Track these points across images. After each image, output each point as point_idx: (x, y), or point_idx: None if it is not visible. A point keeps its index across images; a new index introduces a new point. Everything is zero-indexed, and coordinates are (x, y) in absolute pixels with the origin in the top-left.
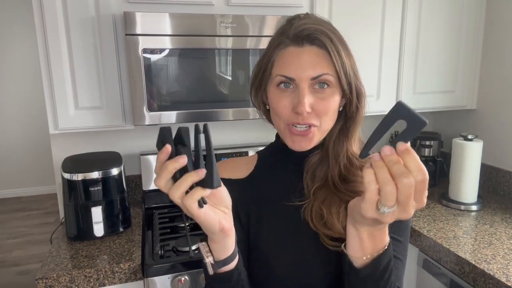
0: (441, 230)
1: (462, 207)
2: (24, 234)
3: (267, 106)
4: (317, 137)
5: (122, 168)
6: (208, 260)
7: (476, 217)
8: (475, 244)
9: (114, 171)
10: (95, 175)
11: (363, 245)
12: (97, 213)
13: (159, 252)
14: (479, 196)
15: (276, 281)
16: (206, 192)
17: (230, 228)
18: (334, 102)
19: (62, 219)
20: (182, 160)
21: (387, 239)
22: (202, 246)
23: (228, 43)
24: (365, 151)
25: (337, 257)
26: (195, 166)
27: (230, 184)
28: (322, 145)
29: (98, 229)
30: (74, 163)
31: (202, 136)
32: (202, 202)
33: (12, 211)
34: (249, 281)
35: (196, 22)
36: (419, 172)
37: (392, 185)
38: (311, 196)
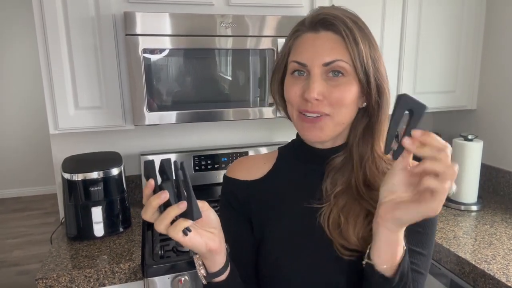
0: (441, 230)
1: (462, 207)
2: (24, 234)
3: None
4: (329, 128)
5: (122, 168)
6: (201, 272)
7: (476, 217)
8: (475, 244)
9: (114, 171)
10: (95, 175)
11: (396, 250)
12: (97, 213)
13: (159, 252)
14: (479, 196)
15: (283, 285)
16: (188, 223)
17: (218, 247)
18: (348, 92)
19: (62, 219)
20: (164, 196)
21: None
22: (196, 259)
23: (228, 43)
24: (388, 146)
25: (351, 268)
26: (178, 197)
27: (242, 186)
28: (346, 146)
29: (98, 229)
30: (74, 163)
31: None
32: (186, 231)
33: (12, 211)
34: (256, 282)
35: (196, 22)
36: (446, 145)
37: (448, 160)
38: (331, 200)
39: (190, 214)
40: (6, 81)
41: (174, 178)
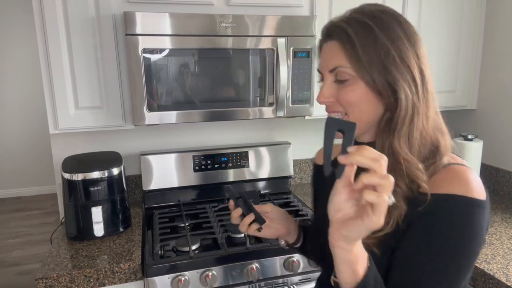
0: None
1: None
2: (24, 234)
3: None
4: None
5: (122, 168)
6: (281, 243)
7: None
8: None
9: (114, 171)
10: (95, 175)
11: (355, 268)
12: (97, 213)
13: (159, 252)
14: None
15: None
16: (257, 226)
17: (285, 233)
18: (354, 92)
19: (62, 219)
20: (238, 211)
21: (366, 254)
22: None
23: (228, 43)
24: (326, 166)
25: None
26: (248, 210)
27: (317, 169)
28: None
29: (98, 229)
30: (74, 163)
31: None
32: (260, 229)
33: (12, 211)
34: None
35: (196, 22)
36: (381, 155)
37: (382, 170)
38: None
39: (258, 220)
40: (6, 81)
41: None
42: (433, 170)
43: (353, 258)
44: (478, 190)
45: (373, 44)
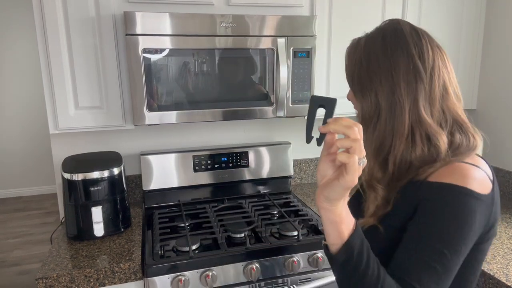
0: None
1: None
2: (24, 234)
3: None
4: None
5: (122, 168)
6: None
7: None
8: None
9: (114, 171)
10: (95, 175)
11: (340, 229)
12: (97, 213)
13: (159, 252)
14: None
15: None
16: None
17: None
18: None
19: (62, 219)
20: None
21: (353, 219)
22: None
23: (228, 43)
24: (308, 135)
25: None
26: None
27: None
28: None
29: (98, 229)
30: (74, 163)
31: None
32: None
33: (12, 211)
34: None
35: (196, 22)
36: (354, 123)
37: (355, 135)
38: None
39: None
40: (6, 81)
41: None
42: (442, 164)
43: (337, 218)
44: (475, 184)
45: (367, 60)
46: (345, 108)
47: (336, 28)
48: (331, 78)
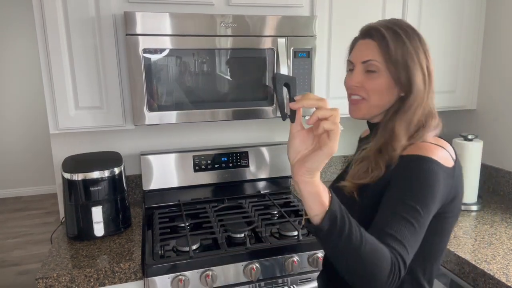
0: None
1: (462, 207)
2: (24, 234)
3: None
4: (365, 109)
5: (122, 168)
6: None
7: (476, 217)
8: (475, 244)
9: (114, 171)
10: (95, 175)
11: (321, 199)
12: (97, 213)
13: (159, 252)
14: (479, 196)
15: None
16: None
17: None
18: (378, 83)
19: (62, 219)
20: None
21: (326, 188)
22: None
23: (228, 43)
24: (282, 113)
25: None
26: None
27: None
28: (377, 126)
29: (98, 229)
30: (74, 163)
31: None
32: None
33: (12, 211)
34: None
35: (196, 22)
36: (322, 98)
37: (328, 106)
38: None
39: None
40: (6, 81)
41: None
42: (411, 143)
43: (317, 189)
44: (437, 156)
45: (401, 48)
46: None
47: (336, 28)
48: (331, 78)
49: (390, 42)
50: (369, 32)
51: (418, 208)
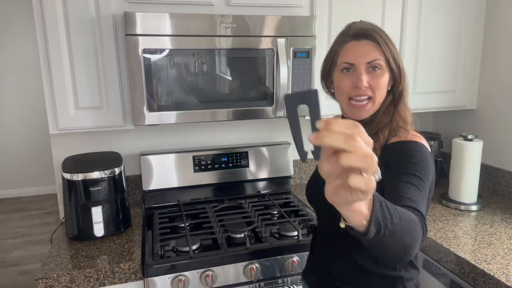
0: (441, 230)
1: (462, 207)
2: (24, 234)
3: (332, 90)
4: (371, 109)
5: (122, 168)
6: None
7: (476, 217)
8: (475, 244)
9: (114, 171)
10: (95, 175)
11: (361, 212)
12: (97, 213)
13: (159, 252)
14: (479, 196)
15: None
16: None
17: None
18: (384, 80)
19: (62, 219)
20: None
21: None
22: None
23: (228, 43)
24: (300, 151)
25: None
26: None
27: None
28: (373, 114)
29: (98, 229)
30: (74, 163)
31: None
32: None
33: (12, 211)
34: None
35: (196, 22)
36: (353, 128)
37: (359, 148)
38: None
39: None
40: (6, 81)
41: None
42: (396, 134)
43: (355, 208)
44: (425, 143)
45: (392, 45)
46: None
47: (336, 28)
48: None
49: (387, 41)
50: (364, 34)
51: (422, 177)
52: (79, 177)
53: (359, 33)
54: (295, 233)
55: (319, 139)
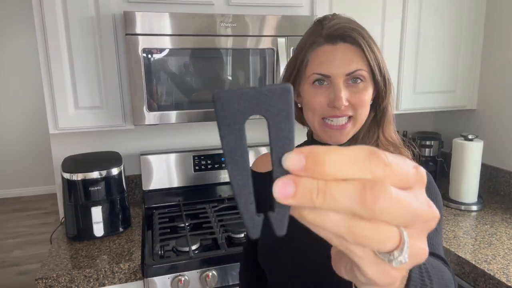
0: (441, 230)
1: (463, 207)
2: (24, 234)
3: (298, 105)
4: (352, 130)
5: (122, 168)
6: None
7: (476, 217)
8: (475, 244)
9: (114, 171)
10: (95, 175)
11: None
12: (97, 213)
13: (159, 252)
14: (479, 196)
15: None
16: None
17: None
18: (367, 95)
19: (62, 219)
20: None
21: None
22: None
23: (228, 43)
24: (250, 219)
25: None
26: None
27: (253, 176)
28: (351, 138)
29: (98, 229)
30: (74, 163)
31: None
32: None
33: (12, 211)
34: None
35: (196, 22)
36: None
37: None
38: None
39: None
40: (6, 81)
41: None
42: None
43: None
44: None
45: (376, 49)
46: None
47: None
48: None
49: (371, 43)
50: (341, 36)
51: (438, 228)
52: (78, 177)
53: (335, 33)
54: None
55: (300, 195)
